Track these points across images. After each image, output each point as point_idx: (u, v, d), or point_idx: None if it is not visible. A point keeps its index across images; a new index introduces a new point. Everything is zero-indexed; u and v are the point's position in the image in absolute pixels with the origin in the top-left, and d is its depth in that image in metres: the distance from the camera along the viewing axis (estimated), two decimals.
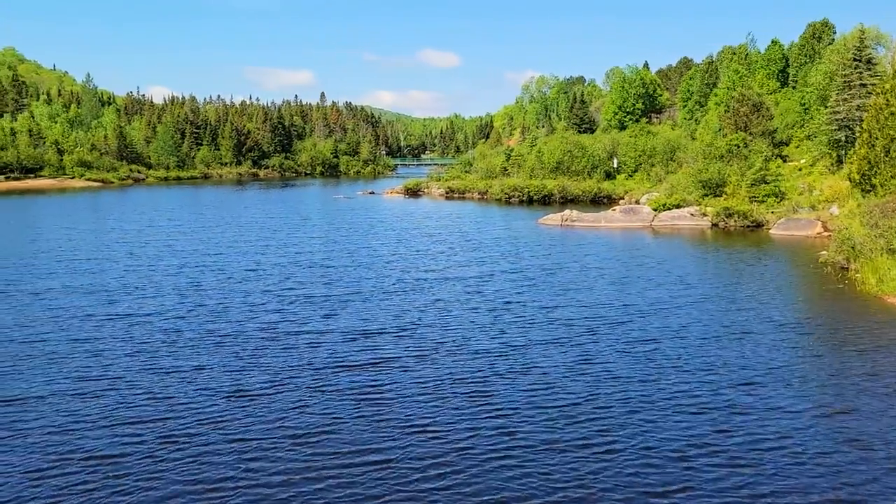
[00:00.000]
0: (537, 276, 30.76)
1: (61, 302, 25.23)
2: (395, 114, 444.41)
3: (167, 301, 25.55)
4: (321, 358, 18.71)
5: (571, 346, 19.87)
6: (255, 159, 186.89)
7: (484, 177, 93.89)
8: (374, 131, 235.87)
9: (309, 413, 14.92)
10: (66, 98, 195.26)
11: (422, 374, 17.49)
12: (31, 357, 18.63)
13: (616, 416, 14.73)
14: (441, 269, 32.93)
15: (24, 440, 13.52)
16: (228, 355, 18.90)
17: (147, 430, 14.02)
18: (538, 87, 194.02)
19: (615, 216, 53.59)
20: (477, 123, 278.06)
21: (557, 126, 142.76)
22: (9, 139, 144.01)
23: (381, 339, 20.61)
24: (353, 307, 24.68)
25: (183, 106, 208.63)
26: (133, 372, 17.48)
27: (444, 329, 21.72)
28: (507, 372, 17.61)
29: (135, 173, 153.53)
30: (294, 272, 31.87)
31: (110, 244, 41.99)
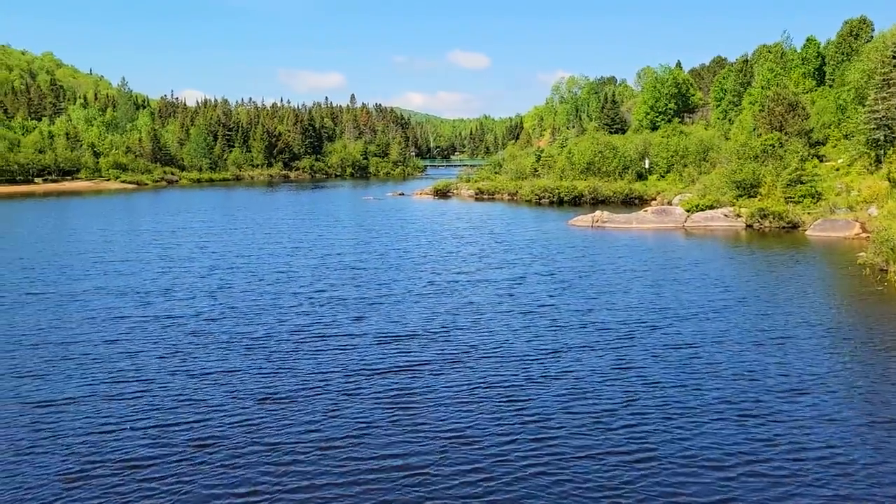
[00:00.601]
0: (570, 278, 30.39)
1: (96, 303, 25.49)
2: (424, 115, 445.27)
3: (199, 303, 25.68)
4: (352, 362, 18.58)
5: (606, 350, 19.50)
6: (285, 161, 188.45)
7: (514, 178, 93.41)
8: (403, 133, 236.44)
9: (340, 418, 14.77)
10: (102, 102, 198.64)
11: (455, 378, 17.25)
12: (65, 359, 18.76)
13: (654, 424, 14.37)
14: (472, 271, 32.70)
15: (58, 443, 13.55)
16: (259, 358, 18.87)
17: (179, 433, 13.99)
18: (569, 87, 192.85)
19: (647, 217, 52.93)
20: (507, 124, 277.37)
21: (588, 127, 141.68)
22: (47, 142, 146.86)
23: (412, 343, 20.41)
24: (385, 310, 24.55)
25: (215, 109, 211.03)
26: (165, 374, 17.52)
27: (476, 332, 21.45)
28: (541, 377, 17.30)
29: (168, 175, 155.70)
30: (324, 274, 31.89)
31: (144, 245, 42.46)
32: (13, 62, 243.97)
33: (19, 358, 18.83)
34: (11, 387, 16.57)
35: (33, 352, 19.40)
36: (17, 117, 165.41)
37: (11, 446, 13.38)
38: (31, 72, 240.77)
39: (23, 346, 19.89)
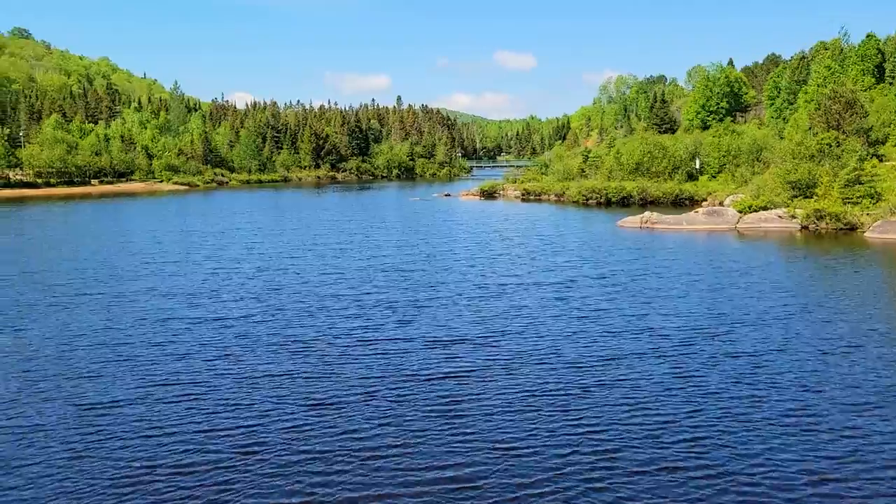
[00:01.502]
0: (622, 281, 29.60)
1: (147, 305, 25.74)
2: (470, 116, 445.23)
3: (247, 305, 25.70)
4: (400, 367, 18.23)
5: (663, 358, 18.76)
6: (332, 162, 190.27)
7: (561, 179, 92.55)
8: (449, 134, 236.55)
9: (388, 426, 14.41)
10: (156, 105, 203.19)
11: (506, 386, 16.71)
12: (116, 361, 18.85)
13: (715, 438, 13.64)
14: (521, 273, 32.13)
15: (106, 446, 13.49)
16: (306, 362, 18.67)
17: (226, 439, 13.81)
18: (617, 87, 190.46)
19: (698, 218, 51.76)
20: (553, 125, 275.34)
21: (637, 126, 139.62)
22: (103, 145, 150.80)
23: (461, 348, 19.94)
24: (433, 313, 24.15)
25: (264, 111, 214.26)
26: (213, 378, 17.44)
27: (527, 338, 20.87)
28: (596, 385, 16.67)
29: (219, 177, 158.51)
30: (371, 276, 31.73)
31: (194, 247, 43.00)
32: (71, 67, 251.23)
33: (72, 359, 18.98)
34: (64, 388, 16.65)
35: (85, 353, 19.54)
36: (75, 121, 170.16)
37: (62, 449, 13.35)
38: (88, 76, 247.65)
39: (75, 348, 20.06)
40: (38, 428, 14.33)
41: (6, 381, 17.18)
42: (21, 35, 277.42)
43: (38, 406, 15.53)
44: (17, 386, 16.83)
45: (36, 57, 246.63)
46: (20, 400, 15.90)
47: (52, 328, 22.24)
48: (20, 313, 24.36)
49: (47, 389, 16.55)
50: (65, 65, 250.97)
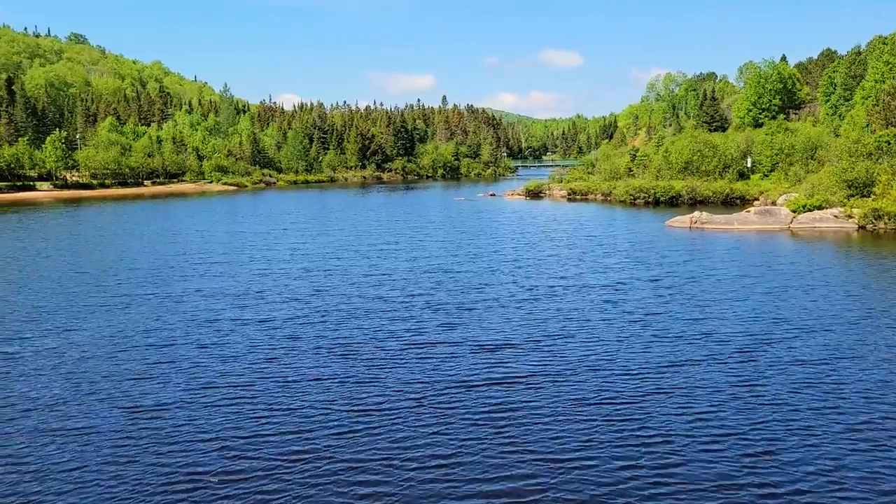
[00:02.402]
0: (676, 283, 28.63)
1: (193, 305, 25.90)
2: (516, 115, 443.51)
3: (292, 306, 25.59)
4: (446, 373, 17.75)
5: (722, 365, 17.88)
6: (378, 163, 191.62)
7: (607, 178, 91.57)
8: (494, 133, 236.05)
9: (436, 435, 13.94)
10: (206, 107, 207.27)
11: (559, 394, 16.05)
12: (162, 363, 18.82)
13: (787, 453, 12.83)
14: (570, 275, 31.41)
15: (150, 451, 13.37)
16: (351, 366, 18.35)
17: (269, 446, 13.54)
18: (665, 84, 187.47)
19: (749, 218, 50.49)
20: (600, 124, 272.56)
21: (686, 125, 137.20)
22: (155, 146, 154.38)
23: (511, 353, 19.31)
24: (480, 316, 23.63)
25: (311, 112, 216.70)
26: (258, 381, 17.24)
27: (579, 343, 20.15)
28: (654, 394, 15.91)
29: (267, 177, 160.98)
30: (417, 277, 31.48)
31: (241, 247, 43.49)
32: (125, 71, 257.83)
33: (119, 360, 19.03)
34: (111, 390, 16.65)
35: (132, 354, 19.58)
36: (129, 123, 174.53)
37: (107, 454, 13.27)
38: (141, 80, 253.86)
39: (123, 349, 20.13)
40: (84, 431, 14.29)
41: (54, 382, 17.26)
42: (78, 40, 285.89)
43: (85, 408, 15.52)
44: (65, 388, 16.88)
45: (92, 61, 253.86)
46: (67, 402, 15.92)
47: (100, 329, 22.40)
48: (71, 314, 24.66)
49: (94, 391, 16.56)
50: (119, 69, 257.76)
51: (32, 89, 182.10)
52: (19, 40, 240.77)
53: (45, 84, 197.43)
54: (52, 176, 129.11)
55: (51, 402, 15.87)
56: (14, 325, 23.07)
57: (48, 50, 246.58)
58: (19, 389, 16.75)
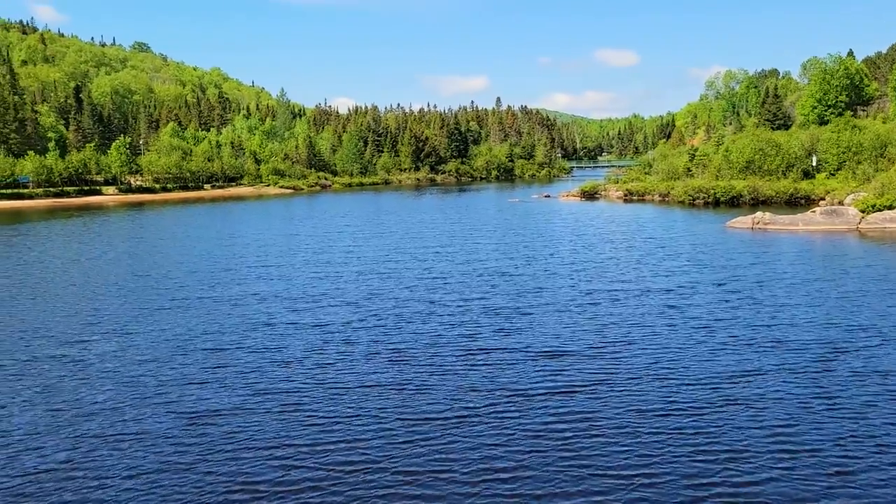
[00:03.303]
0: (741, 288, 27.36)
1: (248, 309, 25.86)
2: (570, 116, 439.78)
3: (346, 310, 25.35)
4: (503, 381, 17.15)
5: (799, 375, 16.83)
6: (432, 165, 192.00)
7: (665, 178, 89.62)
8: (549, 134, 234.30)
9: (494, 447, 13.38)
10: (263, 112, 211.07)
11: (623, 404, 15.29)
12: (216, 368, 18.74)
13: (868, 470, 11.90)
14: (630, 279, 30.43)
15: (204, 459, 13.20)
16: (406, 373, 17.94)
17: (325, 455, 13.22)
18: (725, 82, 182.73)
19: (815, 218, 48.61)
20: (657, 123, 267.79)
21: (747, 123, 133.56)
22: (214, 151, 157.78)
23: (570, 361, 18.56)
24: (536, 322, 22.96)
25: (366, 115, 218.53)
26: (312, 387, 16.97)
27: (642, 350, 19.32)
28: (726, 405, 15.00)
29: (322, 180, 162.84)
30: (471, 280, 30.94)
31: (296, 250, 43.72)
32: (186, 78, 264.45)
33: (174, 365, 19.05)
34: (165, 395, 16.63)
35: (187, 359, 19.60)
36: (190, 129, 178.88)
37: (159, 461, 13.15)
38: (201, 86, 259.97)
39: (179, 353, 20.19)
40: (137, 437, 14.22)
41: (111, 387, 17.32)
42: (141, 49, 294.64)
43: (141, 413, 15.50)
44: (122, 392, 16.91)
45: (154, 69, 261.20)
46: (124, 407, 15.93)
47: (158, 333, 22.54)
48: (130, 317, 24.94)
49: (150, 396, 16.55)
50: (180, 75, 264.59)
51: (99, 97, 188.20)
52: (87, 50, 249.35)
53: (111, 91, 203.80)
54: (117, 180, 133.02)
55: (108, 407, 15.90)
56: (76, 327, 23.45)
57: (114, 58, 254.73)
58: (78, 393, 16.87)
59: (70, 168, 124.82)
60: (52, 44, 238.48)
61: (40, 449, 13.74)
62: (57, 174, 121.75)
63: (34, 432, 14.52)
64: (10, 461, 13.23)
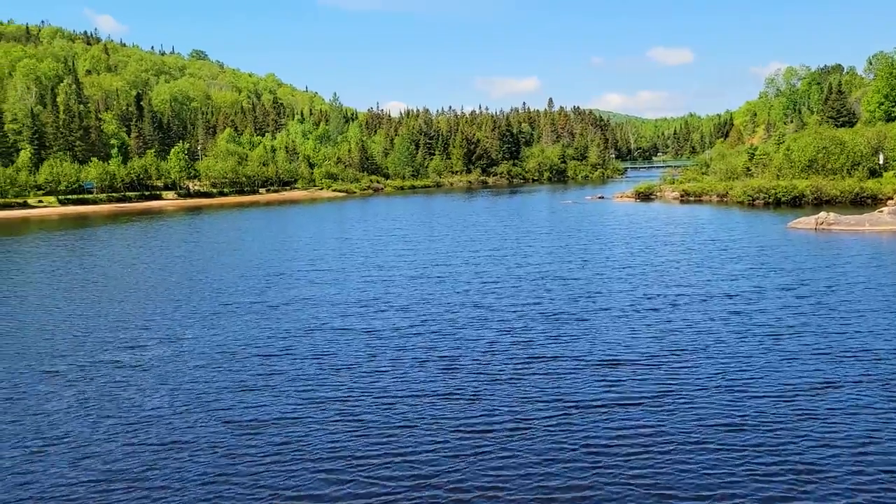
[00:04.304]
0: (810, 292, 26.03)
1: (299, 315, 25.63)
2: (624, 116, 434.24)
3: (397, 316, 24.96)
4: (559, 391, 16.43)
5: (886, 387, 15.66)
6: (483, 167, 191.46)
7: (723, 178, 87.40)
8: (602, 135, 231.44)
9: (551, 462, 12.70)
10: (317, 116, 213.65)
11: (692, 418, 14.40)
12: (264, 375, 18.51)
13: None
14: (690, 282, 29.31)
15: (248, 471, 12.88)
16: (455, 382, 17.36)
17: (368, 467, 12.78)
18: (786, 79, 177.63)
19: (883, 218, 46.46)
20: (714, 122, 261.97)
21: (809, 121, 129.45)
22: (269, 156, 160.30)
23: (631, 371, 17.72)
24: (593, 328, 22.14)
25: (417, 118, 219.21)
26: (360, 396, 16.57)
27: (707, 359, 18.31)
28: (807, 419, 14.02)
29: (374, 183, 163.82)
30: (525, 285, 30.16)
31: (348, 254, 43.63)
32: (242, 84, 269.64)
33: (223, 371, 18.91)
34: (212, 402, 16.47)
35: (238, 364, 19.44)
36: (245, 134, 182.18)
37: (201, 471, 12.90)
38: (256, 92, 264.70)
39: (227, 359, 20.07)
40: (180, 445, 14.04)
41: (162, 393, 17.27)
42: (199, 57, 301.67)
43: (192, 420, 15.34)
44: (174, 399, 16.82)
45: (211, 76, 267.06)
46: (175, 414, 15.80)
47: (208, 338, 22.50)
48: (181, 322, 25.01)
49: (202, 403, 16.40)
50: (236, 82, 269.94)
51: (159, 104, 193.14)
52: (147, 59, 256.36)
53: (170, 99, 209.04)
54: (176, 185, 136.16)
55: (162, 415, 15.77)
56: (128, 332, 23.61)
57: (173, 67, 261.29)
58: (133, 400, 16.82)
59: (132, 174, 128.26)
60: (114, 54, 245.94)
61: (98, 456, 13.63)
62: (119, 180, 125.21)
63: (92, 439, 14.46)
64: (70, 467, 13.18)
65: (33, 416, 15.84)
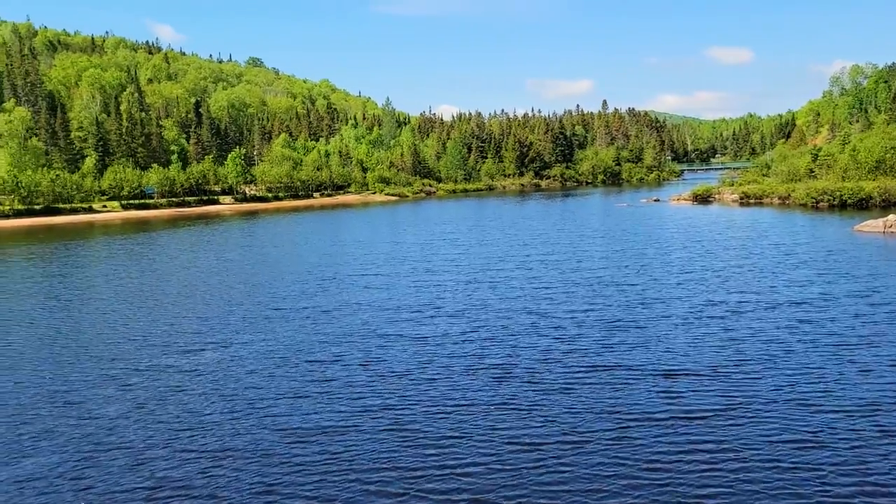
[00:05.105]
0: (882, 299, 24.74)
1: (350, 320, 25.46)
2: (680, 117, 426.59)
3: (449, 322, 24.57)
4: (616, 404, 15.80)
5: None
6: (536, 170, 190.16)
7: (785, 180, 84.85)
8: (658, 137, 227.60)
9: (610, 479, 12.15)
10: (370, 121, 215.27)
11: (766, 434, 13.59)
12: (317, 381, 18.35)
13: None
14: (754, 289, 28.15)
15: (297, 481, 12.68)
16: (508, 391, 16.91)
17: (422, 480, 12.42)
18: (852, 77, 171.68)
19: None
20: (775, 122, 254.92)
21: (876, 120, 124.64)
22: (323, 160, 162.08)
23: (691, 382, 16.96)
24: (653, 336, 21.39)
25: (469, 122, 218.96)
26: (412, 404, 16.25)
27: (778, 370, 17.39)
28: (883, 437, 13.18)
29: (426, 187, 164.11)
30: (579, 291, 29.47)
31: (400, 258, 43.42)
32: (297, 90, 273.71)
33: (277, 377, 18.83)
34: (262, 409, 16.35)
35: (289, 370, 19.34)
36: (300, 139, 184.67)
37: (250, 480, 12.75)
38: (310, 98, 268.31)
39: (281, 365, 19.99)
40: (233, 452, 13.92)
41: (215, 399, 17.25)
42: (255, 64, 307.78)
43: (237, 427, 15.24)
44: (227, 405, 16.78)
45: (267, 83, 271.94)
46: (219, 420, 15.74)
47: (261, 344, 22.47)
48: (234, 327, 25.09)
49: (254, 410, 16.30)
50: (291, 88, 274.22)
51: (216, 111, 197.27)
52: (205, 67, 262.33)
53: (227, 105, 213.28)
54: (233, 190, 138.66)
55: (215, 421, 15.72)
56: (182, 337, 23.79)
57: (230, 74, 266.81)
58: (186, 406, 16.86)
59: (191, 179, 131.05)
60: (174, 62, 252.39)
61: (152, 462, 13.65)
62: (179, 185, 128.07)
63: (147, 445, 14.46)
64: (125, 473, 13.17)
65: (90, 420, 15.97)
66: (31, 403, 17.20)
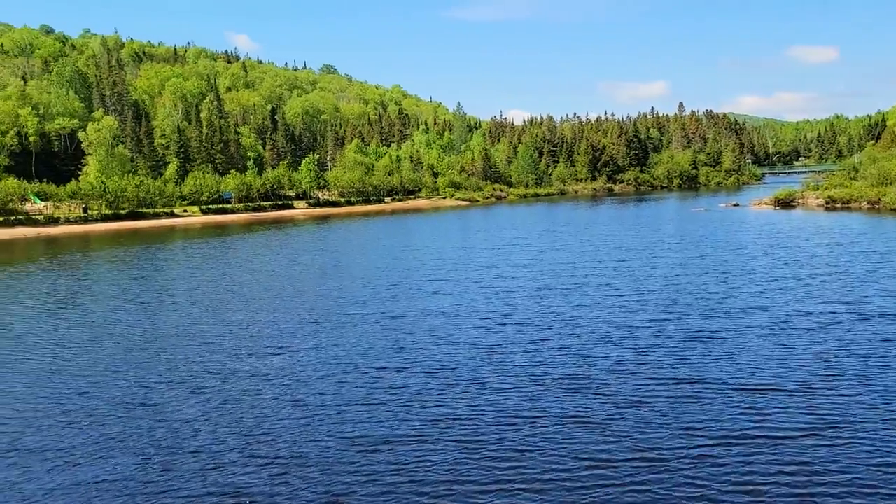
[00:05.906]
0: None
1: (418, 326, 25.21)
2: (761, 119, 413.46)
3: (519, 330, 24.01)
4: (697, 421, 14.99)
5: None
6: (609, 174, 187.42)
7: (875, 184, 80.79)
8: (737, 139, 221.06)
9: (690, 501, 11.49)
10: (440, 126, 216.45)
11: (858, 457, 12.67)
12: (384, 389, 18.10)
13: None
14: (847, 299, 26.62)
15: (364, 491, 12.43)
16: (581, 405, 16.30)
17: (490, 496, 11.96)
18: None
19: None
20: (864, 123, 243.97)
21: None
22: (395, 165, 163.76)
23: (776, 399, 15.93)
24: (735, 349, 20.36)
25: (541, 126, 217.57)
26: (481, 414, 15.79)
27: (870, 388, 16.23)
28: None
29: (497, 192, 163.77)
30: (654, 299, 28.46)
31: (470, 263, 43.07)
32: (369, 96, 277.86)
33: (344, 384, 18.69)
34: (336, 417, 16.19)
35: (356, 377, 19.18)
36: (372, 144, 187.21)
37: (324, 490, 12.52)
38: (382, 103, 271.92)
39: (349, 371, 19.85)
40: (302, 460, 13.78)
41: (284, 405, 17.19)
42: (328, 71, 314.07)
43: (306, 434, 15.11)
44: (290, 410, 16.71)
45: (340, 89, 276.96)
46: (289, 426, 15.64)
47: (329, 349, 22.39)
48: (301, 332, 25.13)
49: (323, 419, 16.16)
50: (363, 94, 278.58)
51: (291, 118, 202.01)
52: (281, 74, 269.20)
53: (302, 112, 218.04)
54: (306, 195, 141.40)
55: (285, 427, 15.65)
56: (253, 342, 23.98)
57: (304, 81, 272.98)
58: (254, 411, 16.87)
59: (266, 184, 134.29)
60: (251, 71, 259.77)
61: (222, 469, 13.63)
62: (255, 190, 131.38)
63: (217, 451, 14.48)
64: (194, 480, 13.20)
65: (164, 423, 16.15)
66: (108, 405, 17.56)
